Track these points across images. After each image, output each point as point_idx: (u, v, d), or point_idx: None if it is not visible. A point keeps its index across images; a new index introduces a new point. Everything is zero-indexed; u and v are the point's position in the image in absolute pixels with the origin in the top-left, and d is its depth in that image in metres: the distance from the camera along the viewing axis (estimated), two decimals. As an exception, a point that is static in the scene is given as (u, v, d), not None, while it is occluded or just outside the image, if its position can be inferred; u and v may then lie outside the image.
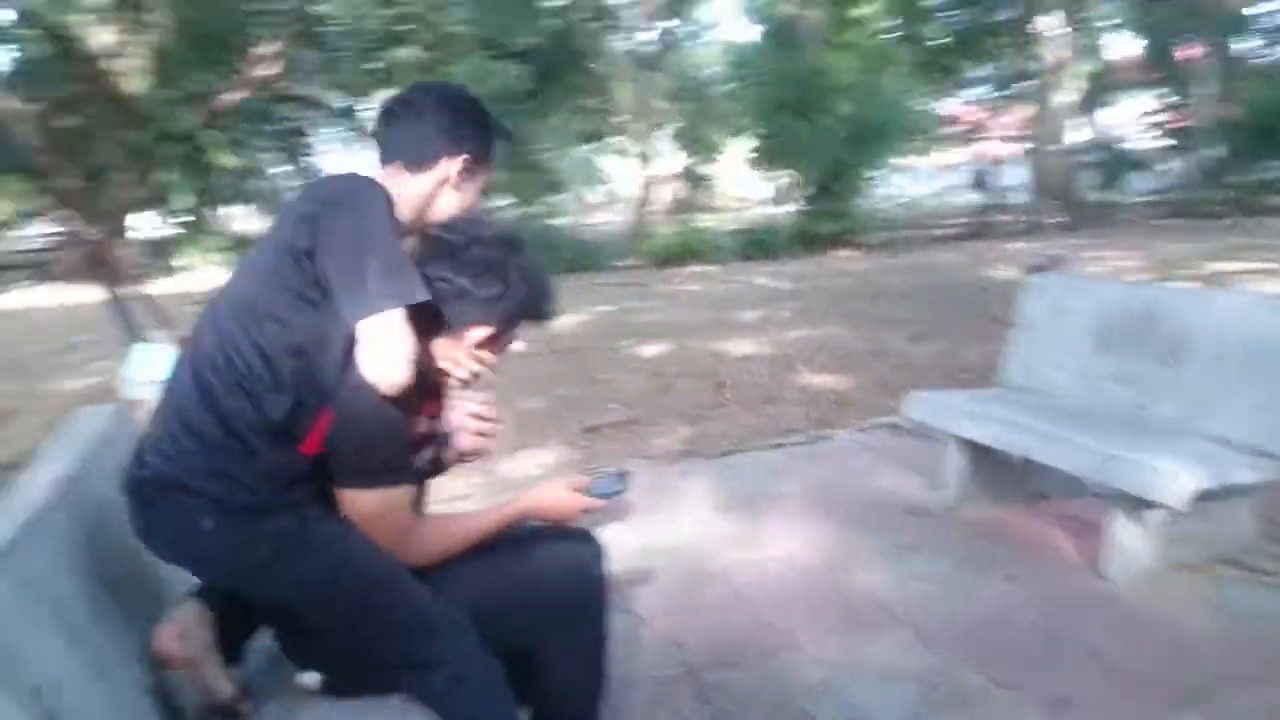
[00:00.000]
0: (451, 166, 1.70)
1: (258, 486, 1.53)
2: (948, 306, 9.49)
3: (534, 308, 1.72)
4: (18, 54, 24.37)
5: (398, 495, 1.61)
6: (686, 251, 16.83)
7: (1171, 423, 3.05)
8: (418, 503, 1.73)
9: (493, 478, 4.51)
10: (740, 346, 7.84)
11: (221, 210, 27.52)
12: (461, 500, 3.99)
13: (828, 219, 17.95)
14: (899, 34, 25.85)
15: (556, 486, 1.86)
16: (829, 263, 15.50)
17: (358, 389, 1.52)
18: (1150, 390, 3.19)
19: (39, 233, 31.26)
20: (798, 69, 17.92)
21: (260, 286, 1.54)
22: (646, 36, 24.42)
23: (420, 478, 1.73)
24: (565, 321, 10.05)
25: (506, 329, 1.71)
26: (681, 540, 3.40)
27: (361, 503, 1.58)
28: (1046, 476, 3.31)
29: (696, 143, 21.34)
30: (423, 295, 1.51)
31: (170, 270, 19.38)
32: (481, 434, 1.85)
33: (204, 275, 19.23)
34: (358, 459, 1.56)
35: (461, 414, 1.83)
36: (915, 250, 16.95)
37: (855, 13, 25.18)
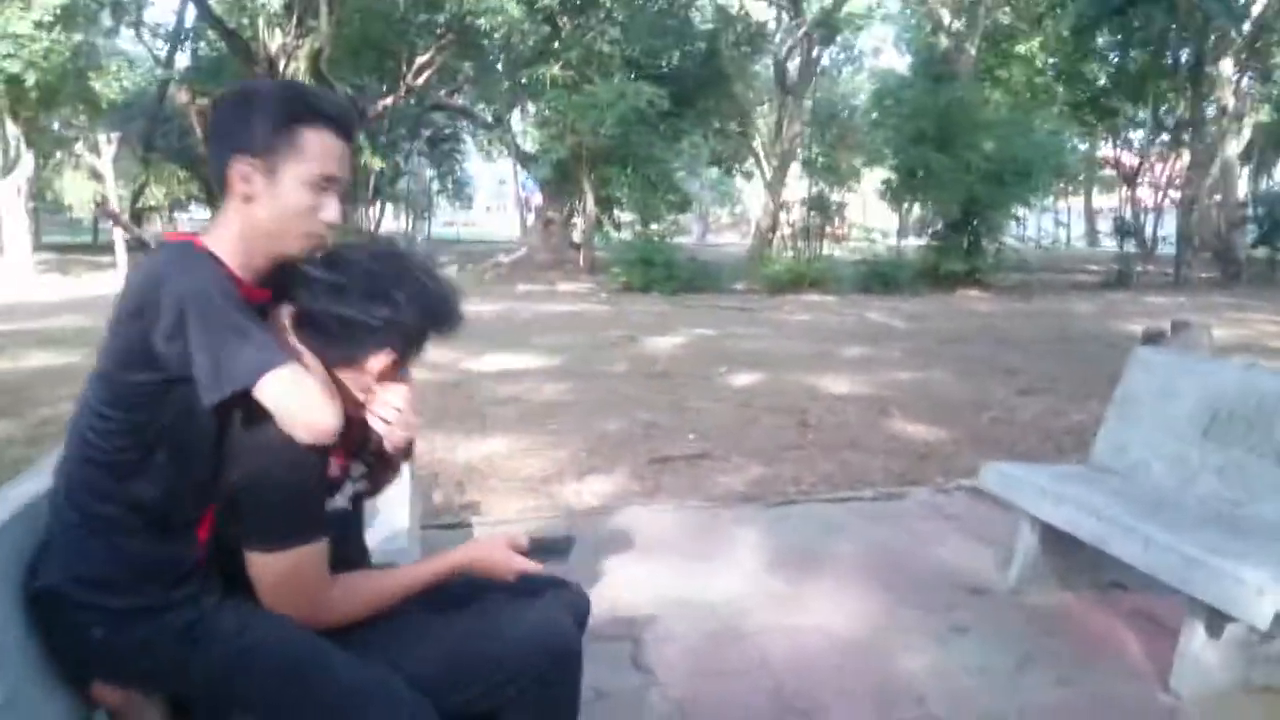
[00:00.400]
0: (235, 179, 1.48)
1: (141, 586, 1.43)
2: (1068, 360, 8.94)
3: (432, 320, 1.59)
4: (198, 52, 26.08)
5: (310, 553, 1.49)
6: (804, 279, 16.52)
7: (1271, 527, 2.70)
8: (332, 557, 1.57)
9: (553, 500, 4.44)
10: (836, 384, 7.57)
11: (368, 210, 28.87)
12: (508, 524, 3.93)
13: (957, 256, 17.32)
14: (1059, 72, 24.82)
15: (495, 544, 1.73)
16: (954, 302, 14.92)
17: (261, 449, 1.43)
18: (1252, 487, 2.83)
19: (193, 218, 33.36)
20: (942, 102, 17.36)
21: (94, 388, 1.45)
22: (793, 63, 24.20)
23: (339, 521, 1.62)
24: (662, 344, 9.96)
25: (410, 349, 1.59)
26: (715, 594, 3.21)
27: (273, 565, 1.48)
28: (1124, 564, 2.99)
29: (830, 171, 21.01)
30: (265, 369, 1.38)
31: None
32: (396, 426, 1.64)
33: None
34: (267, 522, 1.47)
35: (375, 416, 1.62)
36: (1049, 296, 16.14)
37: (1015, 48, 24.33)
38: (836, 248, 22.62)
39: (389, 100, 20.31)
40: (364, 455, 1.70)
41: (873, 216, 25.00)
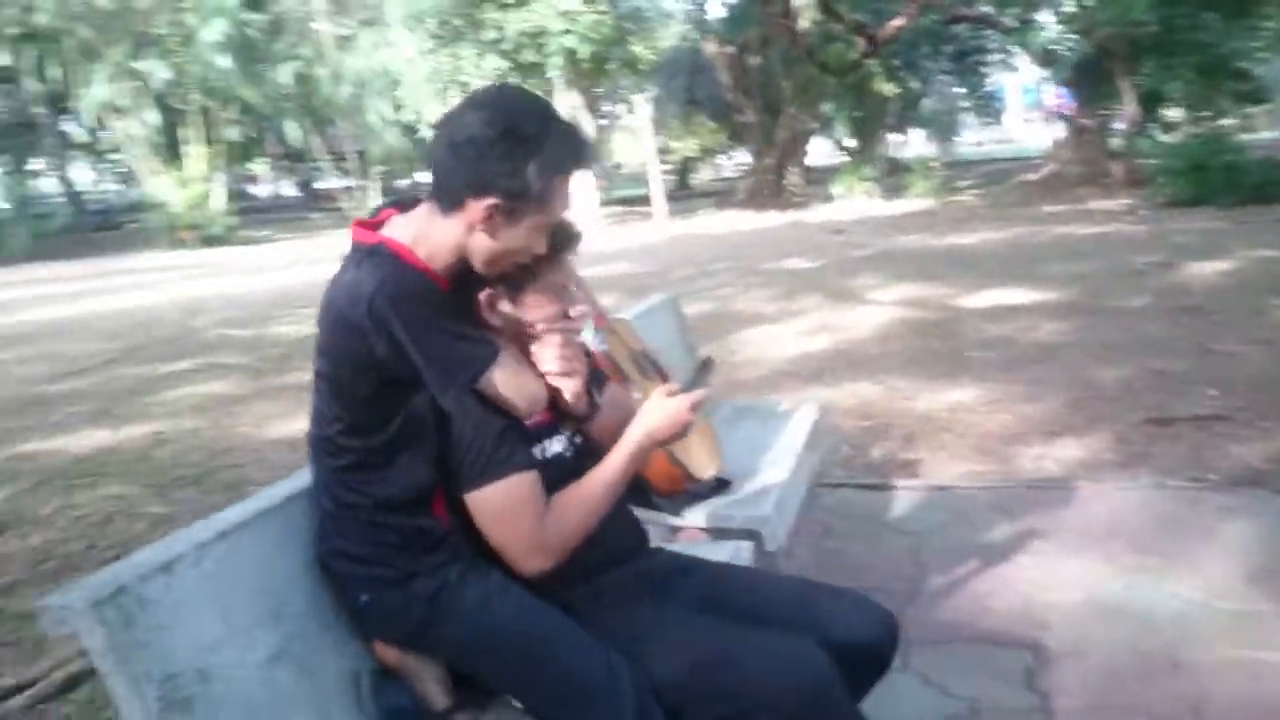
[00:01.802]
0: (477, 210, 1.45)
1: (392, 558, 1.55)
2: None
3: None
4: (726, 3, 27.56)
5: (519, 483, 1.55)
6: None
7: None
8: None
9: (1006, 466, 3.97)
10: None
11: (887, 138, 28.54)
12: (945, 490, 3.61)
13: None
14: None
15: (657, 399, 1.64)
16: None
17: (456, 399, 1.50)
18: None
19: (732, 164, 35.77)
20: None
21: (321, 392, 1.55)
22: None
23: (557, 467, 1.64)
24: (1202, 270, 8.33)
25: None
26: (1162, 605, 2.60)
27: (488, 501, 1.54)
28: None
29: None
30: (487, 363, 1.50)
31: (829, 197, 20.74)
32: (563, 379, 1.66)
33: (853, 203, 20.27)
34: (464, 465, 1.54)
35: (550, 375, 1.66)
36: None
37: None
38: None
39: (901, 21, 19.59)
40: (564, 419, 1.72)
41: None
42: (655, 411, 1.62)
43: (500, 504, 1.54)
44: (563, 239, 1.65)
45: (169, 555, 1.41)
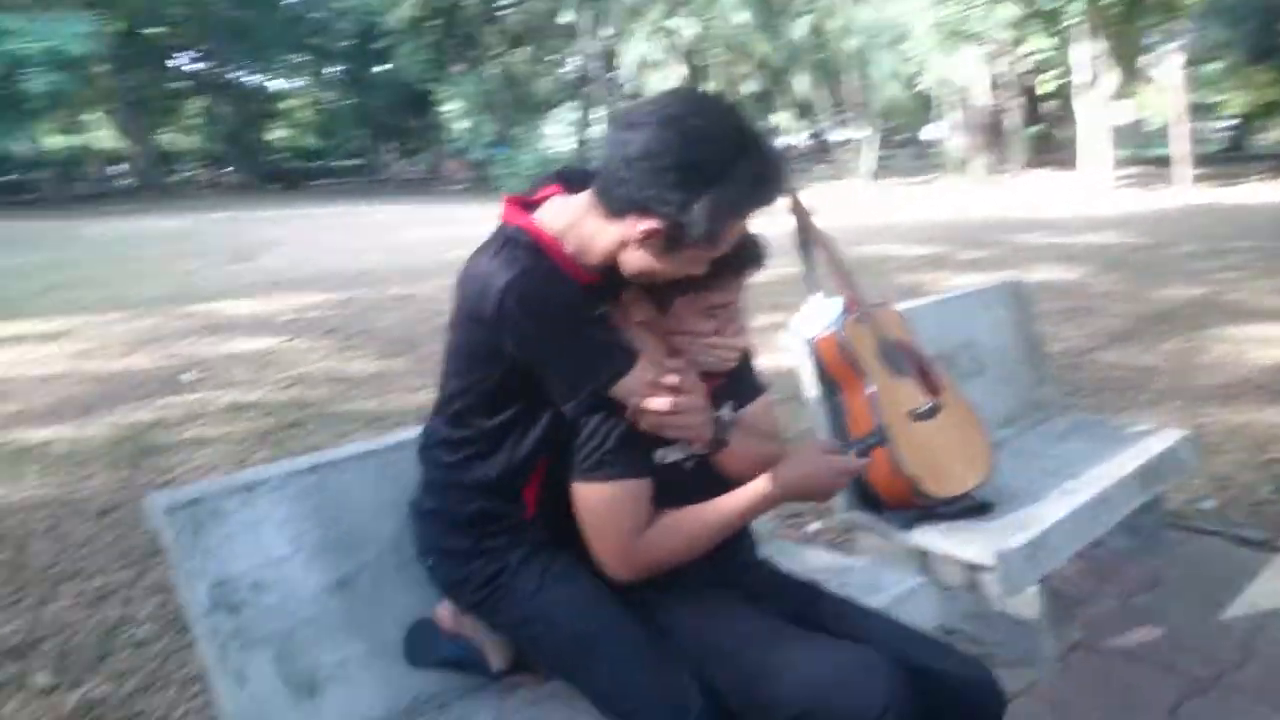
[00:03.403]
0: (636, 227, 1.36)
1: (460, 533, 1.57)
2: None
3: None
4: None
5: (626, 489, 1.49)
6: None
7: None
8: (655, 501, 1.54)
9: None
10: None
11: None
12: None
13: None
14: None
15: (803, 451, 1.54)
16: None
17: (576, 408, 1.46)
18: None
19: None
20: None
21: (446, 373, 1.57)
22: None
23: (673, 475, 1.56)
24: None
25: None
26: None
27: (592, 498, 1.50)
28: None
29: None
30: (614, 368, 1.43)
31: None
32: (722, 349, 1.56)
33: None
34: (580, 453, 1.49)
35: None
36: None
37: None
38: None
39: None
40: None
41: None
42: (799, 466, 1.51)
43: (603, 505, 1.51)
44: (739, 261, 1.50)
45: (255, 478, 1.61)
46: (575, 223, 1.44)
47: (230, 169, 37.05)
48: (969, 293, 3.10)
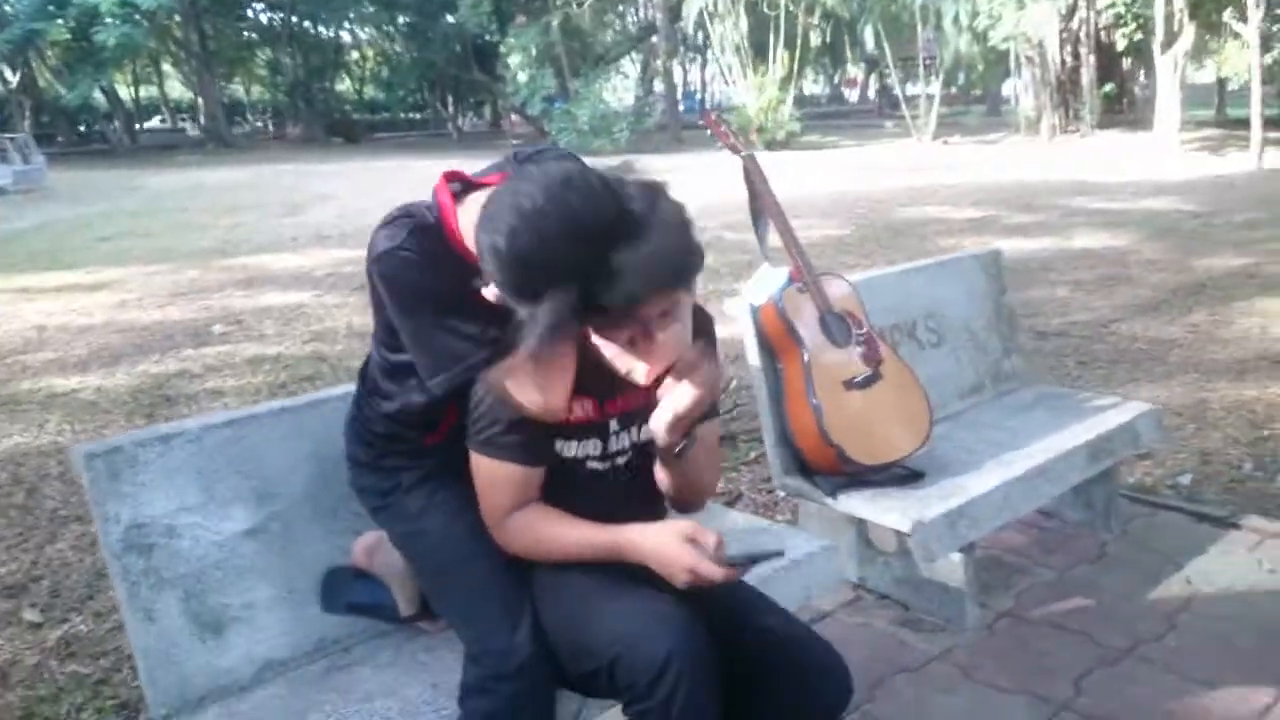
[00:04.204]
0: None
1: (367, 443, 1.68)
2: None
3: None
4: None
5: (503, 472, 1.50)
6: None
7: None
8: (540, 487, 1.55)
9: None
10: None
11: None
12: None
13: None
14: None
15: (673, 529, 1.44)
16: None
17: (440, 388, 1.50)
18: None
19: None
20: None
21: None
22: None
23: (573, 472, 1.57)
24: None
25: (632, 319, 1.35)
26: None
27: (476, 463, 1.53)
28: None
29: None
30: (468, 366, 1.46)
31: None
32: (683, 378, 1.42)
33: None
34: (473, 424, 1.51)
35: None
36: None
37: None
38: None
39: None
40: (632, 417, 1.57)
41: None
42: (660, 545, 1.43)
43: (485, 478, 1.53)
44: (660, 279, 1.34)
45: (172, 430, 1.73)
46: None
47: (295, 121, 37.61)
48: (936, 263, 3.09)
